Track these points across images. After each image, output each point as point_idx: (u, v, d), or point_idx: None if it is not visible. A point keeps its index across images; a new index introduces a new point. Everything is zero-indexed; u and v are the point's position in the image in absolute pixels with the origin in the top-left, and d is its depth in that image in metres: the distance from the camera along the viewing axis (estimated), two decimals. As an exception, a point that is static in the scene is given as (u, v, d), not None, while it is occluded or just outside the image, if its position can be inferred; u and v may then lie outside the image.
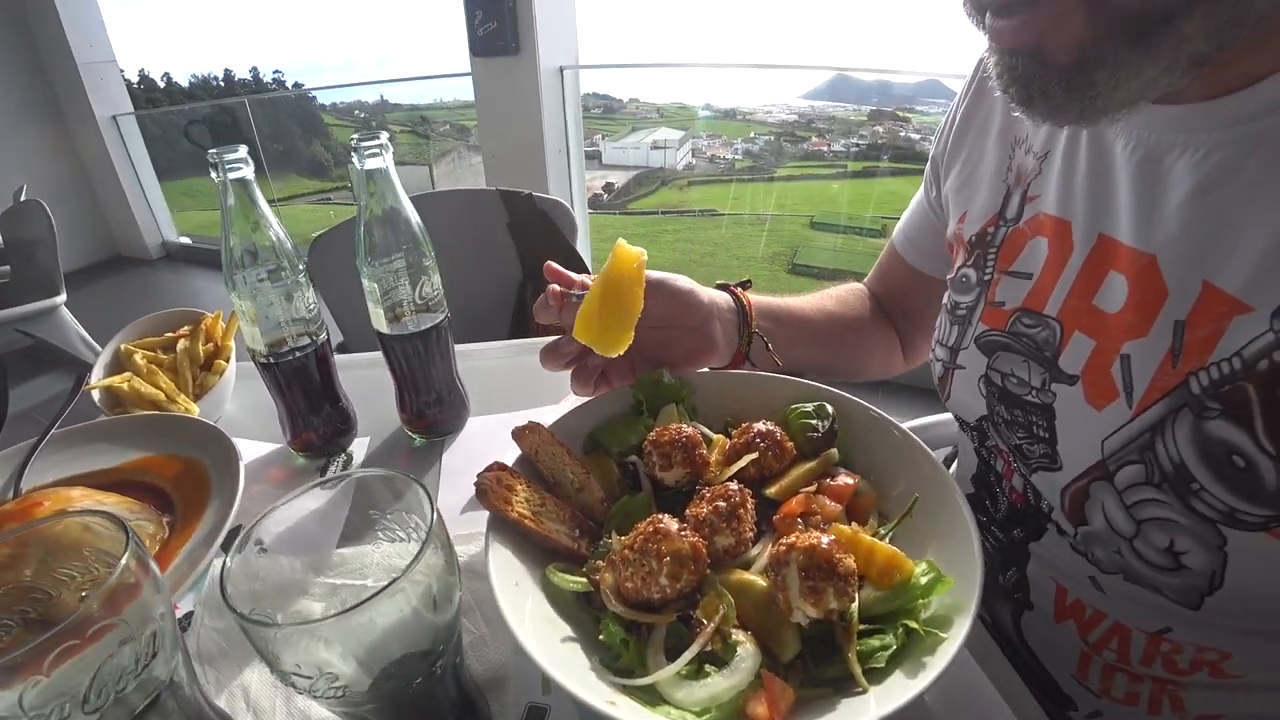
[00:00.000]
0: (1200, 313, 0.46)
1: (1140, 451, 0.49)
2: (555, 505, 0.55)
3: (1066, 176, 0.56)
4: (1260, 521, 0.44)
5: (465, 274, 1.50)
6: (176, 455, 0.66)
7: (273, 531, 0.46)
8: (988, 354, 0.61)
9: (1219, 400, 0.44)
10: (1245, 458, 0.43)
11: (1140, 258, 0.49)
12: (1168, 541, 0.48)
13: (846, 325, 0.85)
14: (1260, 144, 0.43)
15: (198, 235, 5.87)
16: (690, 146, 9.09)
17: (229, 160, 0.61)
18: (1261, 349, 0.42)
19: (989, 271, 0.63)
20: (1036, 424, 0.57)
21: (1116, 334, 0.51)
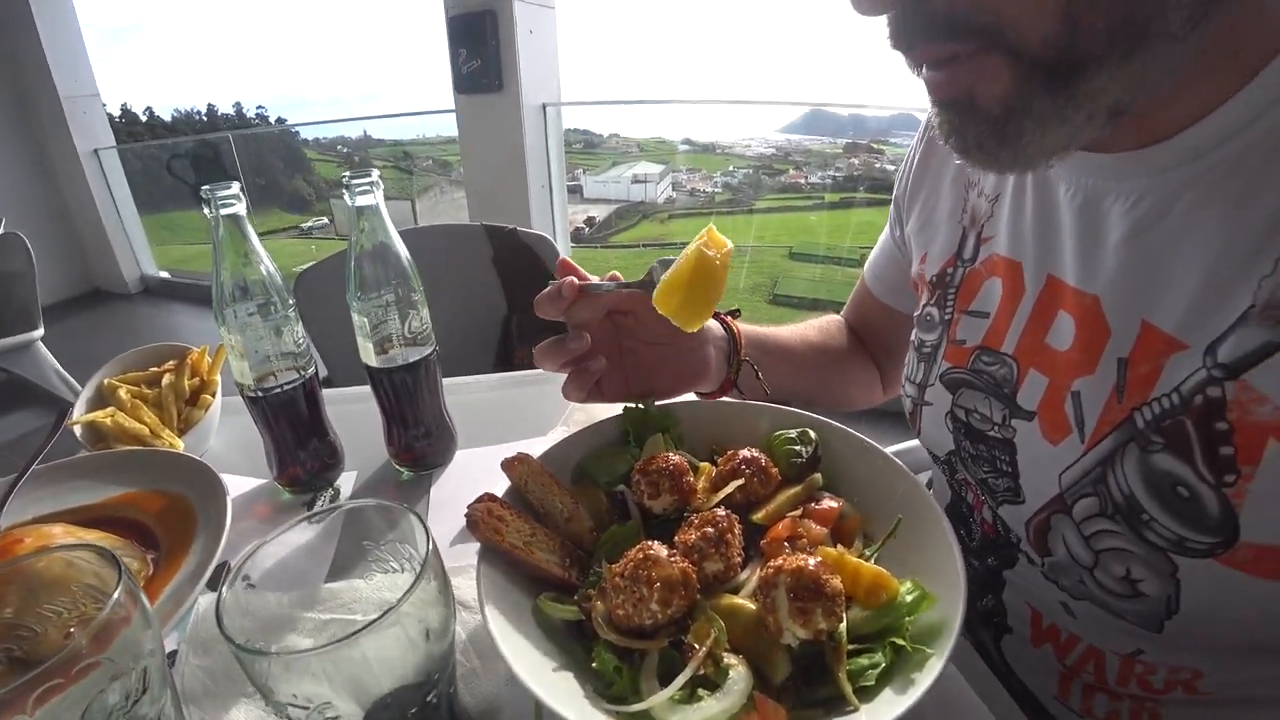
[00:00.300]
0: (1141, 351, 0.48)
1: (1094, 484, 0.51)
2: (545, 535, 0.55)
3: (1016, 219, 0.59)
4: (1206, 548, 0.45)
5: (450, 308, 1.51)
6: (161, 490, 0.65)
7: (261, 567, 0.46)
8: (952, 391, 0.63)
9: (1161, 434, 0.46)
10: (1189, 488, 0.45)
11: (1085, 298, 0.52)
12: (1124, 570, 0.50)
13: (829, 355, 0.87)
14: (1184, 190, 0.45)
15: (177, 270, 5.83)
16: (670, 180, 9.24)
17: (221, 196, 0.62)
18: (1196, 385, 0.44)
19: (949, 310, 0.65)
20: (1000, 458, 0.59)
21: (1067, 371, 0.53)
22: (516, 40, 3.31)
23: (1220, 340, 0.43)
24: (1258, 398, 0.42)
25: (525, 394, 1.02)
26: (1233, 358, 0.43)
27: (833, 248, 5.65)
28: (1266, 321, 0.41)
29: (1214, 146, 0.43)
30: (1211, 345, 0.44)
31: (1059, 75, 0.38)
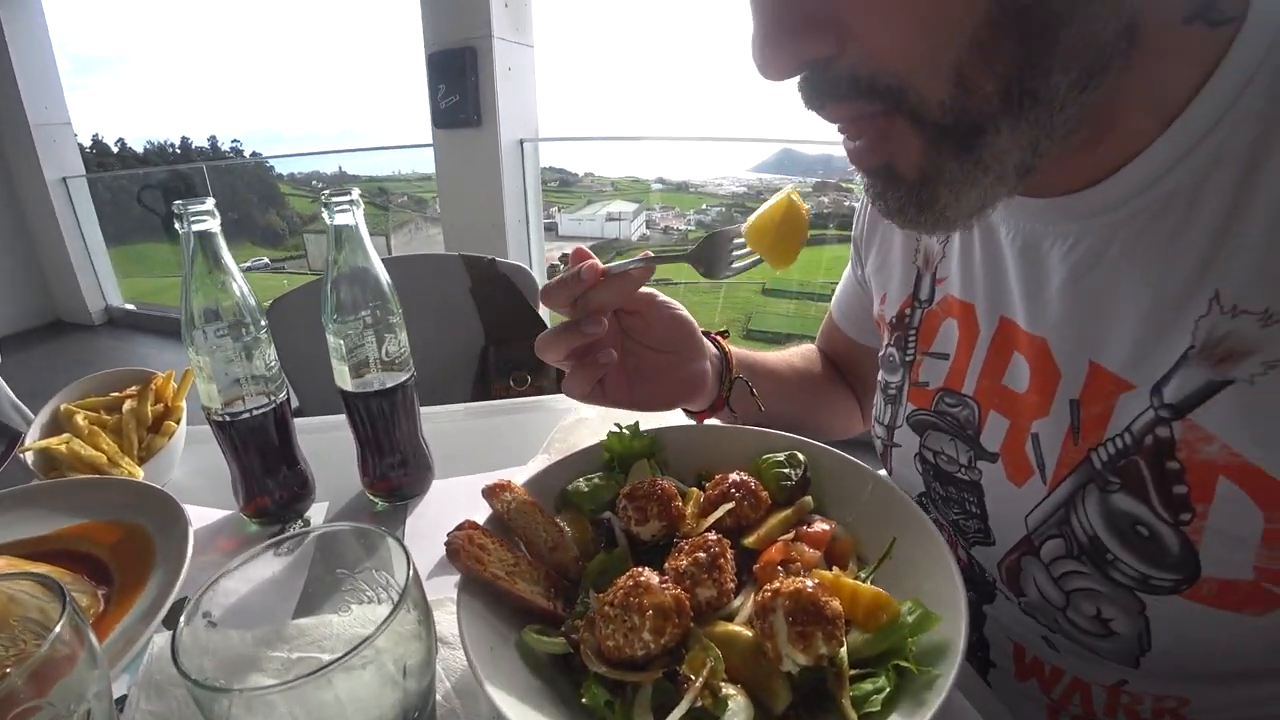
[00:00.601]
0: (1091, 391, 0.48)
1: (1059, 526, 0.51)
2: (529, 565, 0.53)
3: (966, 261, 0.59)
4: (1171, 585, 0.45)
5: (426, 339, 1.48)
6: (117, 521, 0.61)
7: (222, 603, 0.43)
8: (919, 433, 0.63)
9: (1118, 475, 0.47)
10: (1148, 527, 0.45)
11: (1034, 340, 0.52)
12: (1095, 610, 0.50)
13: (812, 381, 0.87)
14: (1116, 233, 0.46)
15: (142, 302, 5.71)
16: (644, 218, 9.35)
17: (194, 211, 0.60)
18: (1146, 425, 0.45)
19: (911, 352, 0.65)
20: (968, 500, 0.58)
21: (1026, 413, 0.53)
22: (495, 77, 3.36)
23: (1165, 380, 0.44)
24: (1205, 436, 0.42)
25: (504, 423, 1.00)
26: (1178, 397, 0.43)
27: (805, 283, 5.74)
28: (1206, 362, 0.42)
29: (1138, 193, 0.44)
30: (1157, 385, 0.44)
31: (963, 139, 0.39)
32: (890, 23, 0.38)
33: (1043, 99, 0.38)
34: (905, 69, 0.38)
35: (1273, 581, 0.42)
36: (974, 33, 0.36)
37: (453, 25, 3.36)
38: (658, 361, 0.68)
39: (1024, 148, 0.40)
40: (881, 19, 0.38)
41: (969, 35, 0.36)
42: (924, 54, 0.38)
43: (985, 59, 0.37)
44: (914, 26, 0.37)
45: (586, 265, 0.58)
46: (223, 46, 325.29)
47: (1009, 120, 0.38)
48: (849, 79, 0.40)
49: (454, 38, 3.36)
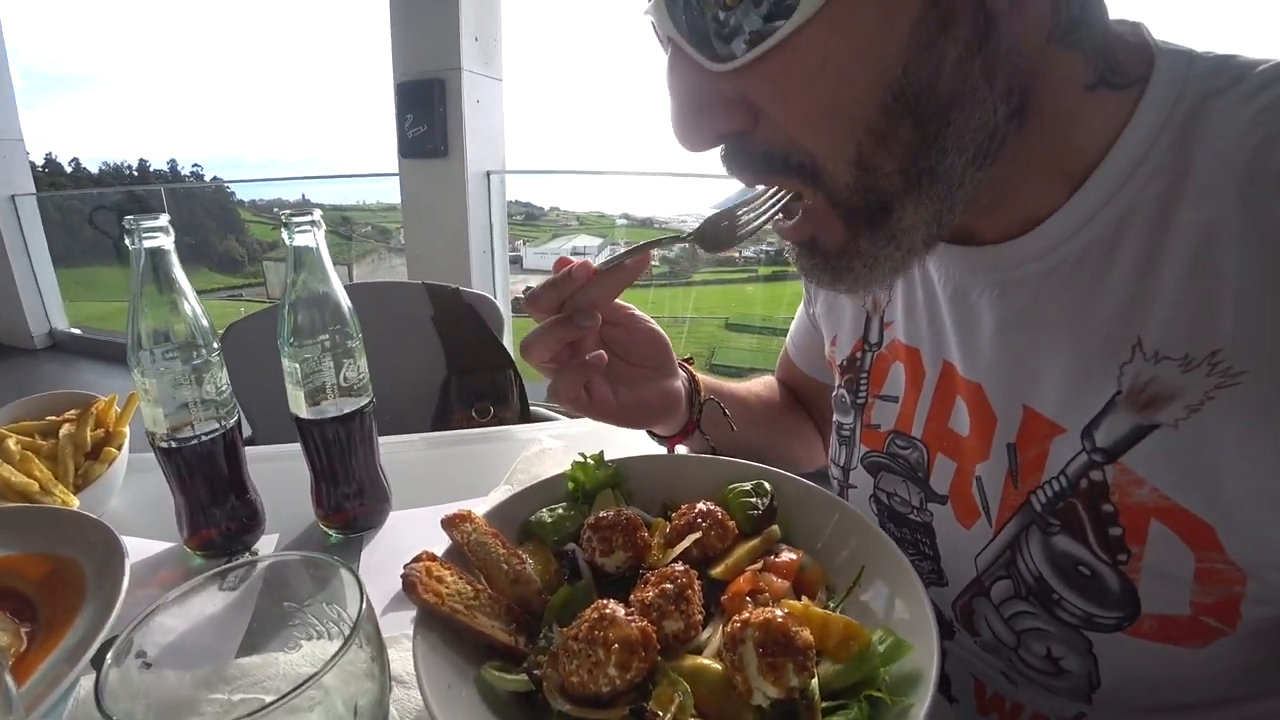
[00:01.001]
0: (1026, 436, 0.49)
1: (1006, 567, 0.52)
2: (490, 598, 0.51)
3: (910, 306, 0.61)
4: (1114, 623, 0.46)
5: (386, 367, 1.45)
6: (46, 554, 0.57)
7: (158, 641, 0.40)
8: (873, 474, 0.64)
9: (1056, 516, 0.48)
10: (1089, 568, 0.47)
11: (970, 385, 0.53)
12: (1045, 649, 0.51)
13: (777, 411, 0.87)
14: (1041, 284, 0.48)
15: (89, 326, 5.49)
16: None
17: (146, 227, 0.58)
18: (1080, 468, 0.46)
19: (863, 395, 0.66)
20: (922, 541, 0.59)
21: (970, 456, 0.54)
22: (464, 109, 3.38)
23: (1095, 424, 0.45)
24: (1136, 480, 0.43)
25: (465, 453, 0.97)
26: (1109, 441, 0.44)
27: (767, 318, 5.84)
28: (1132, 407, 0.43)
29: (1057, 245, 0.46)
30: (1088, 428, 0.45)
31: (872, 217, 0.42)
32: (793, 109, 0.40)
33: (941, 177, 0.40)
34: (814, 150, 0.41)
35: (1209, 615, 0.43)
36: (870, 119, 0.38)
37: (423, 56, 3.38)
38: (636, 375, 0.67)
39: (929, 222, 0.42)
40: (785, 105, 0.40)
41: (866, 121, 0.38)
42: (827, 138, 0.40)
43: (883, 143, 0.39)
44: (815, 113, 0.39)
45: (579, 263, 0.56)
46: (187, 69, 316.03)
47: (912, 198, 0.40)
48: (764, 154, 0.42)
49: (423, 69, 3.38)
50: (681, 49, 0.40)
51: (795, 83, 0.39)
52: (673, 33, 0.40)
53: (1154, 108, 0.42)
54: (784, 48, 0.37)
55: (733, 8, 0.37)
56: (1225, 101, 0.41)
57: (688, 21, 0.39)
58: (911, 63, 0.37)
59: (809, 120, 0.40)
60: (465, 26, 3.31)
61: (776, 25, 0.37)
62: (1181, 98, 0.42)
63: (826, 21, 0.36)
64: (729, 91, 0.41)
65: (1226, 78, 0.41)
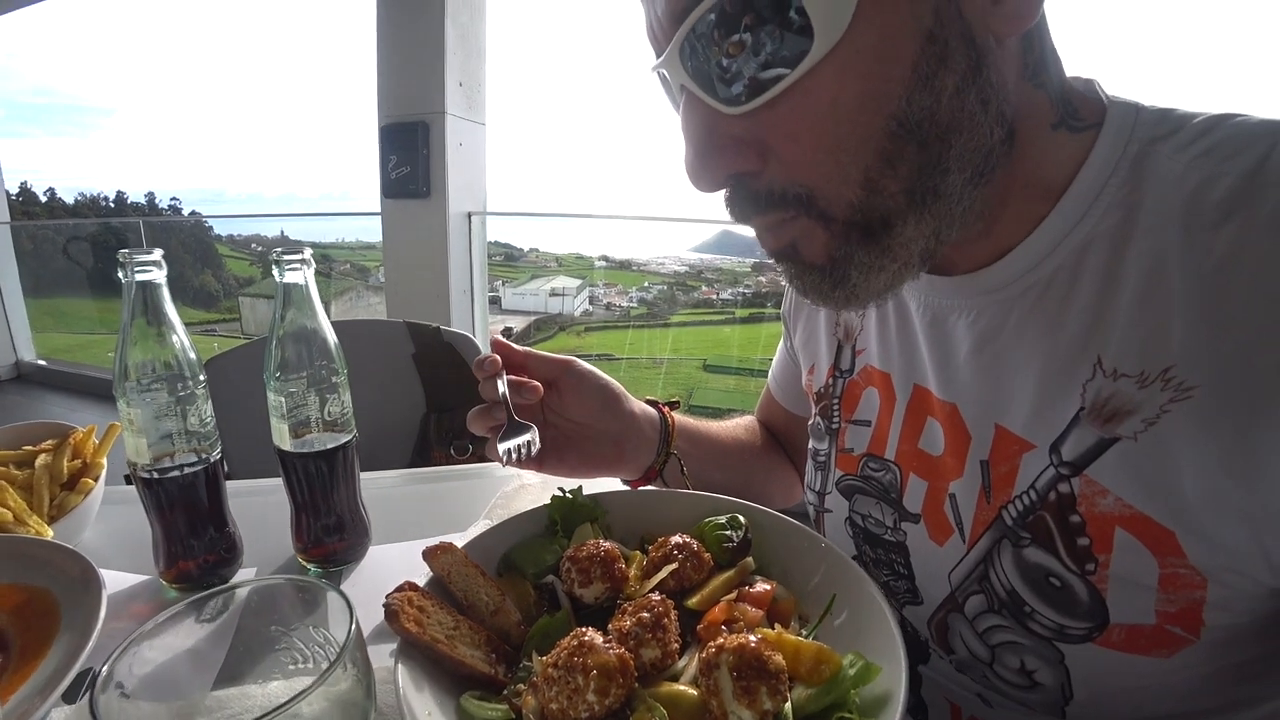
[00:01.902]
0: (997, 452, 0.52)
1: (979, 581, 0.54)
2: (470, 629, 0.52)
3: (882, 333, 0.64)
4: (1084, 633, 0.48)
5: (367, 405, 1.45)
6: (18, 584, 0.57)
7: (136, 673, 0.40)
8: (848, 497, 0.66)
9: (1027, 529, 0.50)
10: (1059, 579, 0.49)
11: (945, 406, 0.57)
12: (1019, 662, 0.53)
13: (755, 453, 0.90)
14: (1012, 307, 0.51)
15: (56, 358, 5.36)
16: (588, 294, 9.47)
17: (139, 261, 0.60)
18: (1049, 481, 0.49)
19: (836, 420, 0.69)
20: (896, 561, 0.61)
21: (943, 474, 0.57)
22: (446, 151, 3.43)
23: (1061, 439, 0.48)
24: (1100, 490, 0.46)
25: (445, 489, 0.98)
26: (1074, 455, 0.47)
27: (745, 360, 5.91)
28: (1095, 422, 0.46)
29: (1026, 271, 0.50)
30: (1055, 444, 0.49)
31: (871, 231, 0.45)
32: (804, 146, 0.43)
33: (942, 194, 0.44)
34: (817, 180, 0.44)
35: (1173, 623, 0.46)
36: (878, 145, 0.42)
37: (408, 100, 3.44)
38: (574, 431, 0.71)
39: (927, 236, 0.45)
40: (796, 144, 0.43)
41: (874, 147, 0.42)
42: (835, 169, 0.43)
43: (890, 165, 0.42)
44: (824, 148, 0.42)
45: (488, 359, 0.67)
46: (170, 103, 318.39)
47: (915, 214, 0.44)
48: (767, 192, 0.45)
49: (408, 111, 3.44)
50: (695, 95, 0.44)
51: (805, 123, 0.42)
52: (686, 81, 0.43)
53: (1107, 149, 0.47)
54: (794, 90, 0.41)
55: (738, 56, 0.40)
56: (1168, 147, 0.46)
57: (700, 70, 0.43)
58: (914, 94, 0.40)
59: (819, 155, 0.43)
60: (450, 72, 3.38)
61: (786, 71, 0.40)
62: (1131, 142, 0.47)
63: (833, 65, 0.39)
64: (740, 133, 0.44)
65: (1168, 126, 0.46)
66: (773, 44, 0.40)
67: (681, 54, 0.43)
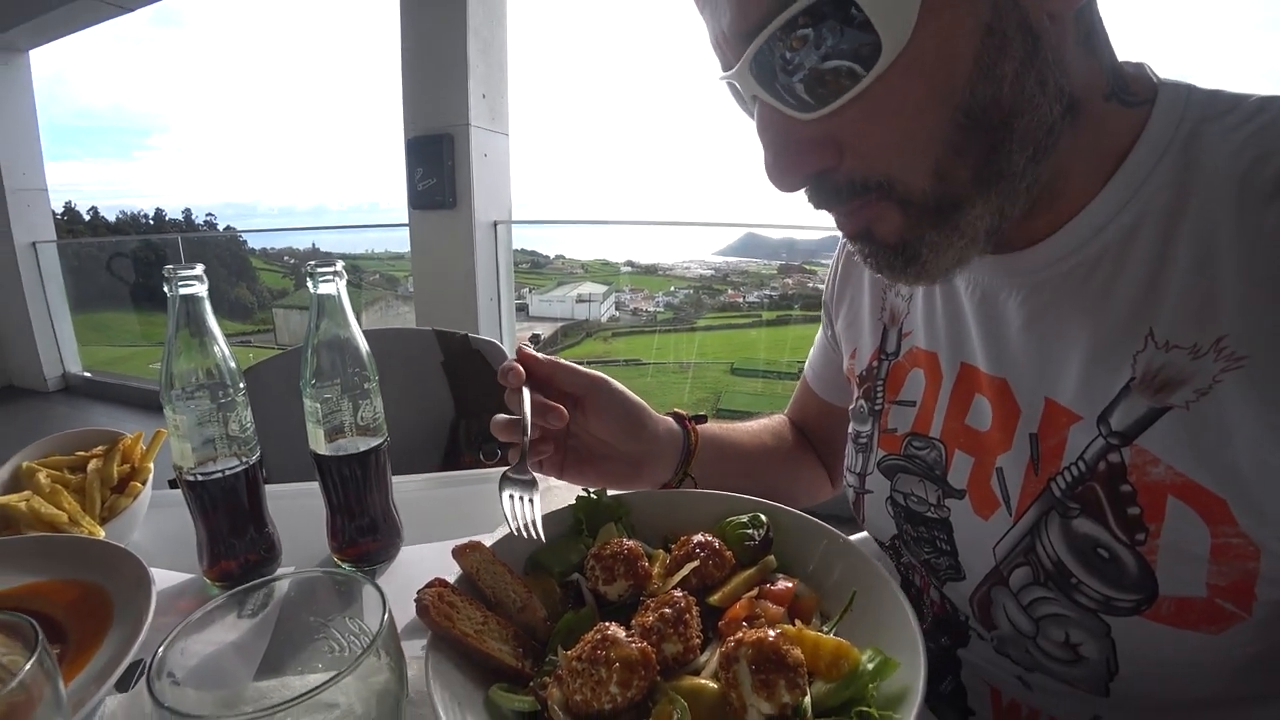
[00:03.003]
0: (1046, 425, 0.53)
1: (1025, 554, 0.54)
2: (498, 624, 0.53)
3: (929, 314, 0.65)
4: (1132, 606, 0.48)
5: (397, 411, 1.49)
6: (76, 580, 0.60)
7: (184, 663, 0.43)
8: (889, 477, 0.67)
9: (1076, 500, 0.51)
10: (1108, 549, 0.49)
11: (995, 381, 0.57)
12: (1064, 635, 0.53)
13: (780, 457, 0.90)
14: (1063, 283, 0.52)
15: (100, 370, 5.57)
16: (614, 300, 9.51)
17: (183, 276, 0.63)
18: (1098, 452, 0.50)
19: (879, 402, 0.70)
20: (939, 538, 0.62)
21: (990, 449, 0.57)
22: (471, 162, 3.49)
23: (1110, 410, 0.49)
24: (1151, 459, 0.47)
25: (473, 492, 1.00)
26: (1124, 425, 0.48)
27: (772, 362, 5.88)
28: (1145, 392, 0.47)
29: (1078, 247, 0.51)
30: (1103, 414, 0.49)
31: (942, 213, 0.46)
32: (878, 143, 0.45)
33: (1007, 174, 0.45)
34: (891, 172, 0.46)
35: (1224, 598, 0.45)
36: (946, 137, 0.44)
37: (433, 113, 3.52)
38: (596, 447, 0.73)
39: (993, 214, 0.47)
40: (870, 141, 0.45)
41: (942, 139, 0.44)
42: (908, 161, 0.45)
43: (958, 154, 0.44)
44: (896, 142, 0.45)
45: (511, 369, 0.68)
46: (204, 122, 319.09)
47: (982, 195, 0.46)
48: (847, 184, 0.47)
49: (433, 124, 3.51)
50: (768, 104, 0.46)
51: (878, 121, 0.44)
52: (758, 91, 0.46)
53: (1159, 128, 0.48)
54: (864, 94, 0.43)
55: (808, 66, 0.43)
56: (1220, 126, 0.47)
57: (772, 80, 0.45)
58: (977, 85, 0.42)
59: (892, 149, 0.45)
60: (474, 85, 3.45)
61: (856, 76, 0.42)
62: (1183, 121, 0.48)
63: (900, 68, 0.41)
64: (816, 134, 0.46)
65: (1220, 106, 0.48)
66: (841, 53, 0.42)
67: (754, 67, 0.45)
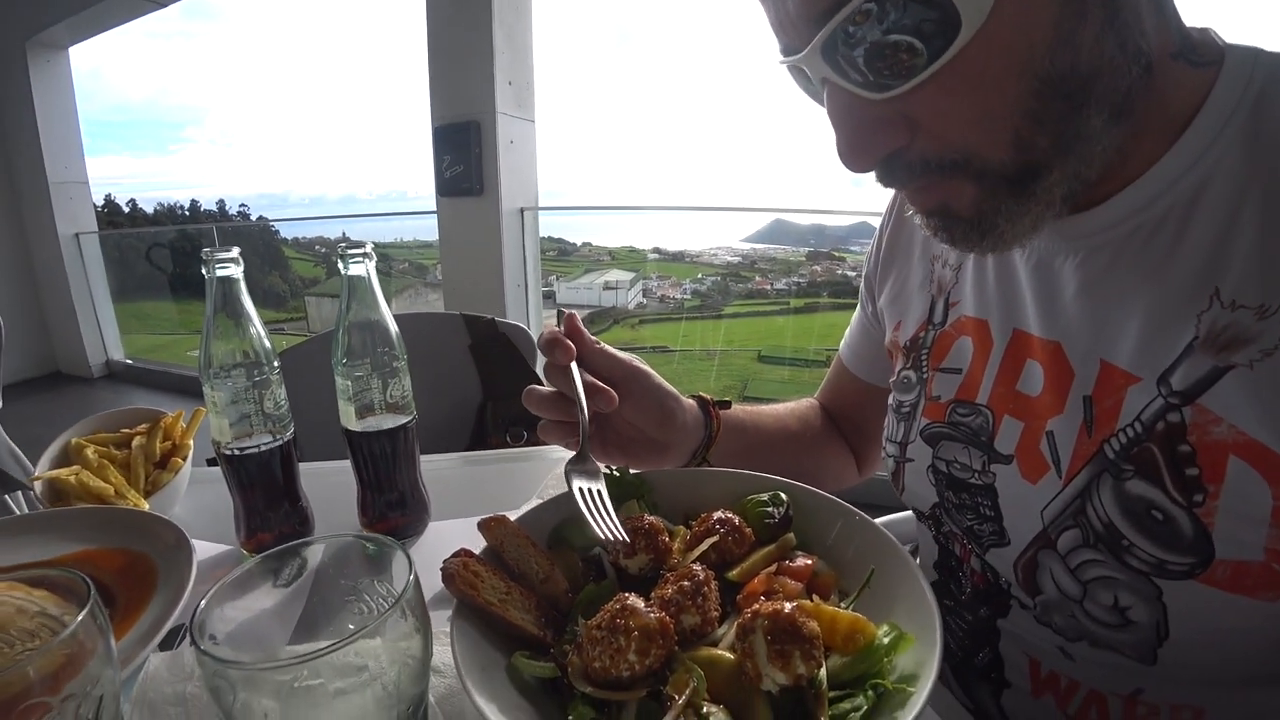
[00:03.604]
0: (1101, 387, 0.53)
1: (1075, 516, 0.53)
2: (521, 594, 0.55)
3: (979, 282, 0.65)
4: (1186, 569, 0.48)
5: (425, 393, 1.51)
6: (122, 549, 0.63)
7: (223, 627, 0.45)
8: (932, 444, 0.66)
9: (1130, 462, 0.50)
10: (1162, 511, 0.48)
11: (1049, 345, 0.57)
12: (1112, 599, 0.52)
13: (805, 442, 0.90)
14: (1122, 246, 0.52)
15: (141, 357, 5.76)
16: (641, 287, 9.50)
17: (219, 259, 0.65)
18: (1156, 412, 0.49)
19: (925, 370, 0.69)
20: (982, 504, 0.61)
21: (1040, 414, 0.57)
22: (498, 149, 3.52)
23: (1171, 370, 0.48)
24: (1213, 419, 0.46)
25: (500, 470, 1.02)
26: (1185, 385, 0.48)
27: (799, 350, 5.85)
28: (1209, 351, 0.47)
29: (1142, 208, 0.50)
30: (1164, 375, 0.49)
31: (1019, 182, 0.46)
32: (956, 117, 0.45)
33: (1084, 137, 0.45)
34: (968, 147, 0.45)
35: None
36: (1026, 106, 0.43)
37: (459, 101, 3.55)
38: (624, 429, 0.73)
39: (1070, 179, 0.47)
40: (945, 118, 0.45)
41: (1021, 109, 0.43)
42: (984, 134, 0.45)
43: (1037, 122, 0.44)
44: (973, 118, 0.44)
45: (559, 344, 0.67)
46: (236, 114, 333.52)
47: (1060, 160, 0.46)
48: (920, 161, 0.47)
49: (460, 112, 3.54)
50: (839, 86, 0.46)
51: (955, 97, 0.43)
52: (828, 74, 0.45)
53: (1228, 88, 0.48)
54: (942, 70, 0.42)
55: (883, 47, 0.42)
56: None
57: (843, 61, 0.44)
58: (1057, 52, 0.42)
59: (969, 125, 0.44)
60: (499, 72, 3.46)
61: (936, 54, 0.41)
62: (1251, 81, 0.48)
63: (980, 41, 0.41)
64: (888, 113, 0.45)
65: None
66: (918, 30, 0.41)
67: (824, 50, 0.44)
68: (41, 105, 5.02)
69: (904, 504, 0.73)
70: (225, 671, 0.35)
